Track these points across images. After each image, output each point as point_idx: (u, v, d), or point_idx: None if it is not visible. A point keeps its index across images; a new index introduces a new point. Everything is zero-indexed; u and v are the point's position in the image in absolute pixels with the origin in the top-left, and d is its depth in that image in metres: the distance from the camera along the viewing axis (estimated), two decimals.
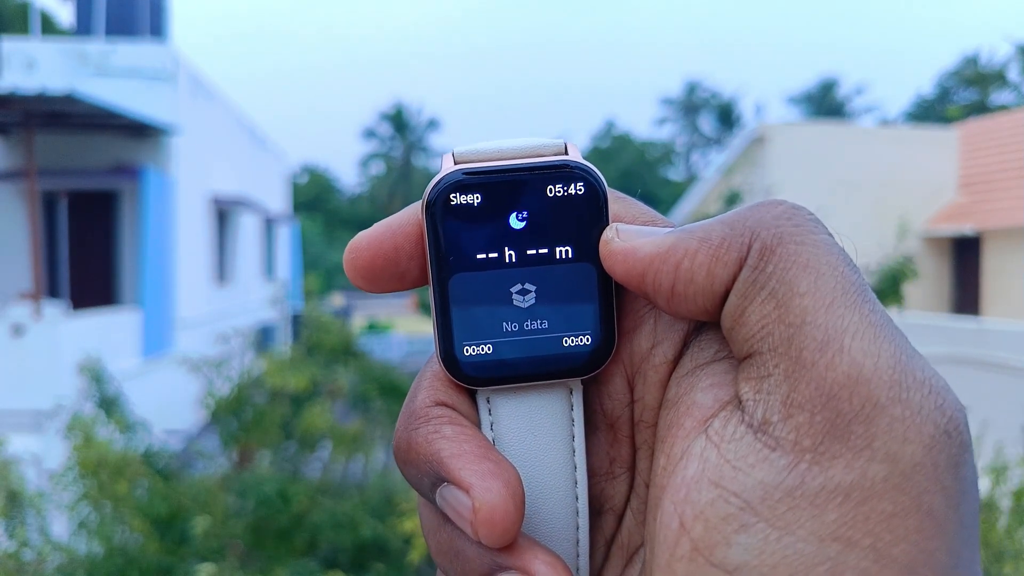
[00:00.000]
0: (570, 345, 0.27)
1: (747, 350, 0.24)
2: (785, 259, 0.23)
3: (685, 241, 0.25)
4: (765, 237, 0.24)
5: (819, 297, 0.23)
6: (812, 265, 0.23)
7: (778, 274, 0.23)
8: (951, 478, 0.21)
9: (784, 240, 0.24)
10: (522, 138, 0.28)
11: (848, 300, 0.23)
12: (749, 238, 0.24)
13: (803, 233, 0.24)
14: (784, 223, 0.24)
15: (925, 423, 0.21)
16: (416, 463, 0.26)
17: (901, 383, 0.21)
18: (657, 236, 0.26)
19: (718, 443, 0.23)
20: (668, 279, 0.25)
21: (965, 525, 0.21)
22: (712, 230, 0.25)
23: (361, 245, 0.28)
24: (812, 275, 0.23)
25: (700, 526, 0.22)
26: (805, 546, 0.21)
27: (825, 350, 0.22)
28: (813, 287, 0.23)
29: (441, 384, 0.28)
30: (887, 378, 0.21)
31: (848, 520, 0.21)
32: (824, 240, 0.24)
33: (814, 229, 0.24)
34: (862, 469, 0.21)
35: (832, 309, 0.22)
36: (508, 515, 0.24)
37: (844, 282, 0.23)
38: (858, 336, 0.22)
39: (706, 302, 0.25)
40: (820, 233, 0.24)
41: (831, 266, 0.23)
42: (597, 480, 0.28)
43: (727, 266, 0.24)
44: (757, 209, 0.25)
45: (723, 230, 0.24)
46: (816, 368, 0.22)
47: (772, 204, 0.25)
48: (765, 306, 0.23)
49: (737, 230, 0.24)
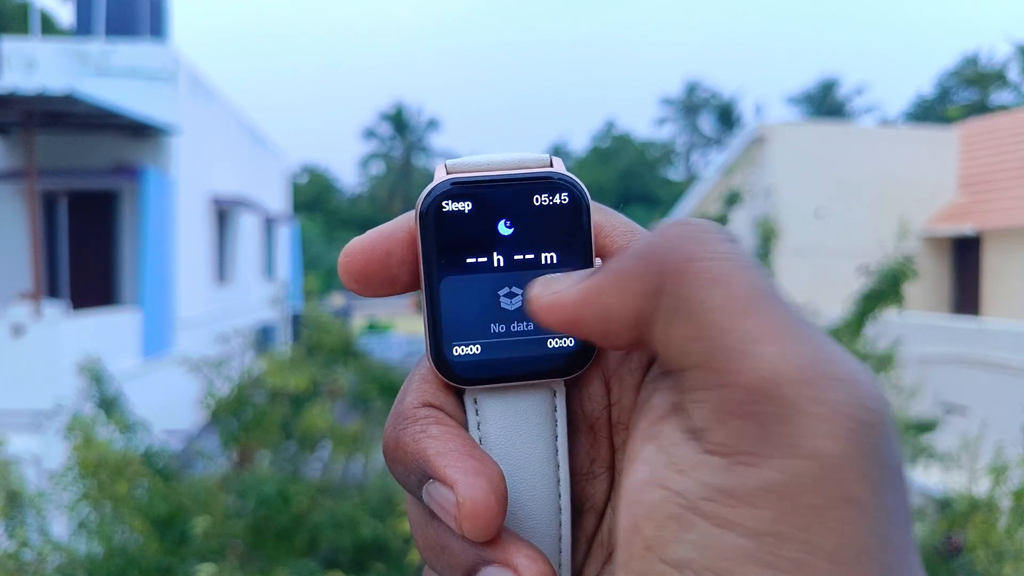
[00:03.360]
0: (554, 347, 0.29)
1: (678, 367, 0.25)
2: (694, 278, 0.24)
3: (605, 280, 0.26)
4: (674, 260, 0.25)
5: (729, 308, 0.23)
6: (721, 279, 0.24)
7: (690, 294, 0.24)
8: (875, 468, 0.22)
9: (692, 259, 0.24)
10: (511, 152, 0.30)
11: (756, 307, 0.23)
12: (661, 265, 0.25)
13: (708, 249, 0.25)
14: (690, 243, 0.25)
15: (842, 417, 0.22)
16: (404, 461, 0.28)
17: (813, 381, 0.22)
18: (581, 280, 0.27)
19: (666, 447, 0.24)
20: (599, 321, 0.26)
21: (892, 510, 0.22)
22: (625, 264, 0.26)
23: (355, 250, 0.29)
24: (722, 288, 0.24)
25: (651, 525, 0.23)
26: (745, 542, 0.22)
27: (740, 359, 0.23)
28: (722, 300, 0.24)
29: (429, 386, 0.29)
30: (800, 378, 0.22)
31: (781, 516, 0.22)
32: (729, 251, 0.25)
33: (715, 241, 0.25)
34: (790, 467, 0.22)
35: (745, 317, 0.23)
36: (491, 510, 0.26)
37: (753, 290, 0.24)
38: (771, 341, 0.23)
39: (635, 334, 0.25)
40: (724, 244, 0.25)
41: (736, 275, 0.24)
42: (578, 480, 0.29)
43: (645, 297, 0.25)
44: (663, 234, 0.26)
45: (635, 262, 0.25)
46: (736, 376, 0.23)
47: (672, 226, 0.26)
48: (685, 327, 0.24)
49: (648, 259, 0.25)
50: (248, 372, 4.73)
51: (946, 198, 12.30)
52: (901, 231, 3.33)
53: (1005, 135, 11.88)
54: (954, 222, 11.75)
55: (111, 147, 9.18)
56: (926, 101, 35.36)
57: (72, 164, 9.10)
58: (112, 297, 9.45)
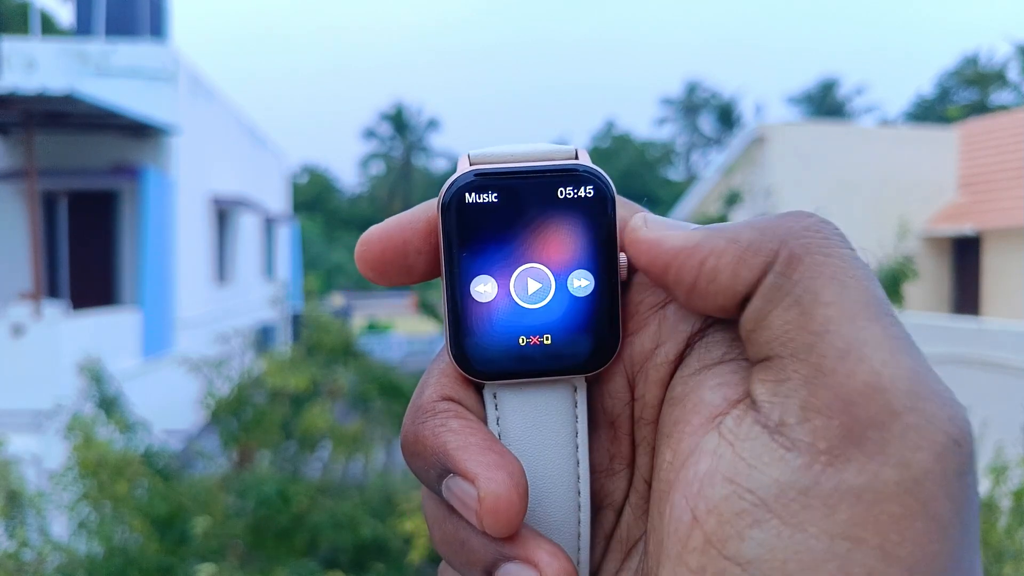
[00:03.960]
0: (575, 342, 0.28)
1: (766, 353, 0.24)
2: (812, 269, 0.24)
3: (713, 239, 0.26)
4: (793, 246, 0.24)
5: (843, 308, 0.23)
6: (838, 277, 0.24)
7: (804, 283, 0.24)
8: (958, 486, 0.22)
9: (812, 251, 0.24)
10: (535, 143, 0.29)
11: (870, 313, 0.23)
12: (777, 245, 0.25)
13: (830, 246, 0.25)
14: (813, 235, 0.25)
15: (937, 432, 0.22)
16: (423, 455, 0.27)
17: (917, 393, 0.22)
18: (684, 230, 0.26)
19: (732, 441, 0.24)
20: (691, 274, 0.26)
21: (968, 531, 0.22)
22: (741, 232, 0.25)
23: (372, 238, 0.29)
24: (837, 287, 0.24)
25: (713, 520, 0.23)
26: (816, 543, 0.21)
27: (846, 359, 0.23)
28: (837, 298, 0.23)
29: (448, 380, 0.29)
30: (904, 388, 0.22)
31: (858, 520, 0.21)
32: (850, 254, 0.25)
33: (841, 243, 0.25)
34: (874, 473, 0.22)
35: (855, 320, 0.23)
36: (512, 505, 0.25)
37: (867, 296, 0.24)
38: (878, 347, 0.23)
39: (726, 301, 0.25)
40: (846, 247, 0.25)
41: (856, 279, 0.24)
42: (597, 476, 0.29)
43: (752, 269, 0.25)
44: (786, 218, 0.25)
45: (752, 234, 0.25)
46: (836, 375, 0.22)
47: (801, 215, 0.26)
48: (789, 312, 0.24)
49: (766, 236, 0.25)
50: (248, 372, 4.73)
51: (946, 198, 12.30)
52: (901, 231, 3.34)
53: (1005, 135, 11.88)
54: (954, 222, 11.75)
55: (111, 147, 9.17)
56: (926, 101, 35.36)
57: (72, 164, 9.10)
58: (112, 297, 9.45)
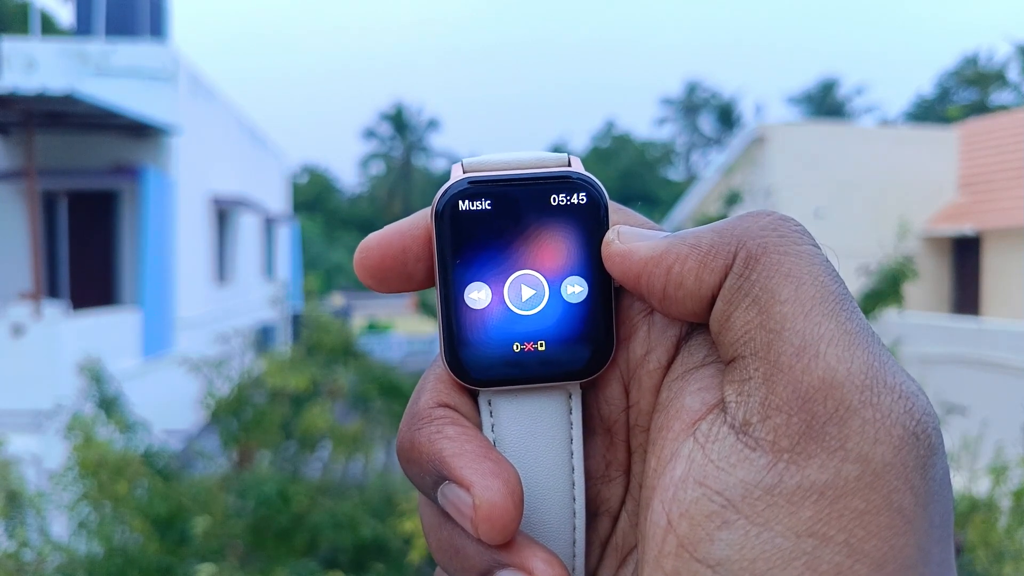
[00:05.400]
0: (570, 349, 0.28)
1: (732, 354, 0.25)
2: (768, 268, 0.24)
3: (677, 246, 0.26)
4: (751, 246, 0.25)
5: (798, 305, 0.24)
6: (794, 274, 0.24)
7: (761, 282, 0.24)
8: (920, 478, 0.22)
9: (768, 250, 0.25)
10: (528, 151, 0.29)
11: (826, 309, 0.24)
12: (736, 247, 0.25)
13: (787, 243, 0.25)
14: (770, 233, 0.25)
15: (894, 425, 0.22)
16: (419, 462, 0.27)
17: (872, 387, 0.22)
18: (652, 240, 0.27)
19: (704, 444, 0.24)
20: (660, 282, 0.26)
21: (935, 524, 0.22)
22: (702, 237, 0.26)
23: (371, 245, 0.29)
24: (793, 284, 0.24)
25: (685, 523, 0.23)
26: (783, 541, 0.22)
27: (802, 355, 0.23)
28: (793, 295, 0.24)
29: (444, 386, 0.29)
30: (859, 383, 0.22)
31: (823, 517, 0.21)
32: (808, 251, 0.25)
33: (799, 240, 0.25)
34: (836, 469, 0.22)
35: (810, 317, 0.23)
36: (507, 513, 0.25)
37: (823, 291, 0.24)
38: (833, 343, 0.23)
39: (694, 305, 0.26)
40: (805, 244, 0.25)
41: (812, 276, 0.24)
42: (593, 483, 0.29)
43: (714, 272, 0.25)
44: (746, 219, 0.26)
45: (712, 237, 0.26)
46: (793, 372, 0.23)
47: (760, 215, 0.26)
48: (748, 312, 0.24)
49: (725, 238, 0.25)
50: (248, 372, 4.73)
51: (946, 198, 12.30)
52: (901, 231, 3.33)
53: (1005, 135, 11.88)
54: (954, 222, 11.75)
55: (111, 147, 9.17)
56: (926, 101, 35.36)
57: (72, 164, 9.10)
58: (112, 297, 9.45)
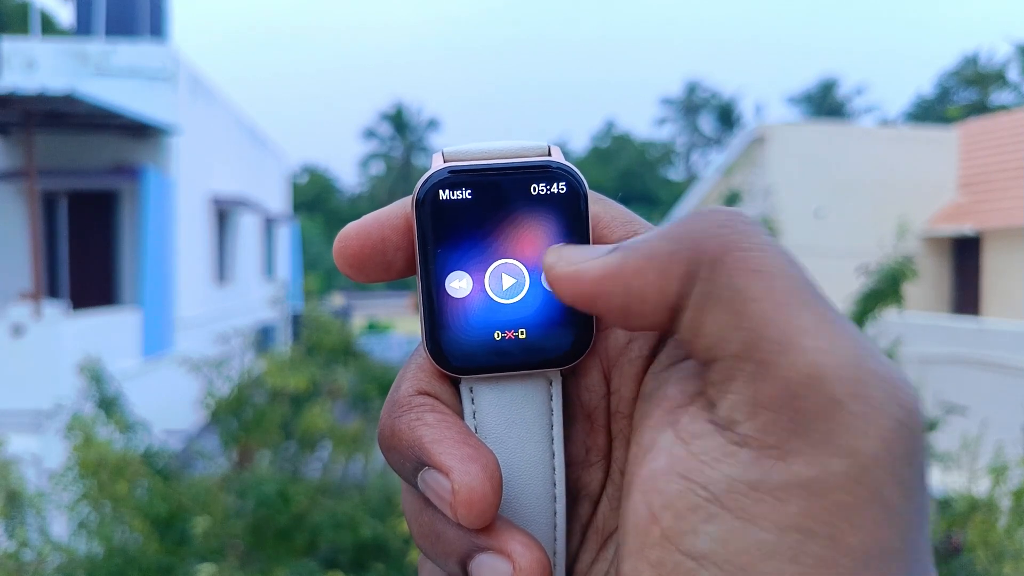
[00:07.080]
0: (550, 336, 0.29)
1: (708, 357, 0.24)
2: (732, 267, 0.24)
3: (631, 260, 0.25)
4: (710, 247, 0.24)
5: (771, 300, 0.23)
6: (761, 269, 0.23)
7: (728, 282, 0.24)
8: (907, 470, 0.22)
9: (729, 248, 0.24)
10: (508, 140, 0.29)
11: (801, 300, 0.23)
12: (694, 250, 0.24)
13: (746, 239, 0.24)
14: (727, 232, 0.24)
15: (883, 417, 0.22)
16: (399, 449, 0.27)
17: (859, 379, 0.22)
18: (600, 257, 0.26)
19: (686, 439, 0.24)
20: (619, 300, 0.25)
21: (918, 514, 0.22)
22: (656, 246, 0.25)
23: (350, 235, 0.29)
24: (762, 279, 0.23)
25: (669, 515, 0.23)
26: (767, 536, 0.22)
27: (785, 351, 0.22)
28: (766, 291, 0.23)
29: (425, 375, 0.29)
30: (845, 375, 0.22)
31: (808, 512, 0.21)
32: (768, 242, 0.24)
33: (756, 234, 0.24)
34: (823, 464, 0.21)
35: (787, 310, 0.23)
36: (486, 497, 0.25)
37: (795, 283, 0.23)
38: (815, 336, 0.22)
39: (659, 317, 0.25)
40: (762, 236, 0.25)
41: (780, 268, 0.24)
42: (574, 468, 0.29)
43: (675, 281, 0.24)
44: (696, 220, 0.25)
45: (667, 245, 0.25)
46: (778, 368, 0.22)
47: (711, 213, 0.25)
48: (721, 315, 0.24)
49: (682, 243, 0.25)
50: (248, 372, 4.73)
51: (946, 198, 12.29)
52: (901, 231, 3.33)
53: (1005, 135, 11.88)
54: (954, 222, 11.75)
55: (111, 147, 9.18)
56: (926, 101, 35.37)
57: (72, 164, 9.10)
58: (112, 297, 9.45)
